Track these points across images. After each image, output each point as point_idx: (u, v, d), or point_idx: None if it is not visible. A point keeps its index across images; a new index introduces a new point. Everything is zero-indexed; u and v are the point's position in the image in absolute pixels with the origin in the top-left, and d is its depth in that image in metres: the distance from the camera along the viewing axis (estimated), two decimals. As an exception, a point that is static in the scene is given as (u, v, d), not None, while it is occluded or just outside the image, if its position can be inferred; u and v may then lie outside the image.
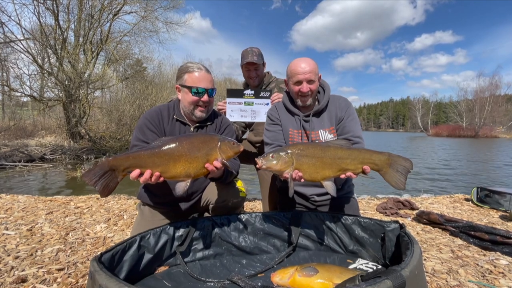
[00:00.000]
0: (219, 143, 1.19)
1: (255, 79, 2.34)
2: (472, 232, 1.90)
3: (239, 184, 1.68)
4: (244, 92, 2.17)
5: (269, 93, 2.16)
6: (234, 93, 2.19)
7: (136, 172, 1.08)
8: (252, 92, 2.17)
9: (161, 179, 1.12)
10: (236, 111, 2.16)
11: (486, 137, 38.22)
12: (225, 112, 2.18)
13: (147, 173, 1.08)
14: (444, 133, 45.39)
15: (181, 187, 1.17)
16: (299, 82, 1.61)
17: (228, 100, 2.19)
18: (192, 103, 1.50)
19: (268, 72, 2.50)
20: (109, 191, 1.08)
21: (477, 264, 1.57)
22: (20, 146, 9.28)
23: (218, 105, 2.27)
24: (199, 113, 1.52)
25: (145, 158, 1.09)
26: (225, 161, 1.19)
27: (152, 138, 1.45)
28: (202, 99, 1.49)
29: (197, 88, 1.47)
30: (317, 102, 1.77)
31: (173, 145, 1.12)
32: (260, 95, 2.16)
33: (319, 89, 1.77)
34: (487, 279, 1.41)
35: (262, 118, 2.16)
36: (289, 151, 1.25)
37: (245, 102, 2.17)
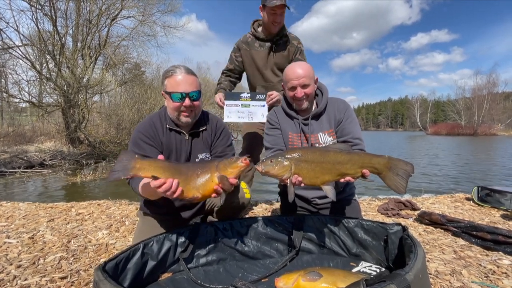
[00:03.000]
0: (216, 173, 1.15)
1: (277, 26, 2.27)
2: (474, 232, 1.90)
3: (243, 185, 1.68)
4: (241, 95, 2.26)
5: (264, 95, 2.24)
6: (231, 96, 2.28)
7: (160, 181, 1.05)
8: (249, 95, 2.25)
9: (178, 191, 1.09)
10: (233, 113, 2.24)
11: (485, 135, 38.29)
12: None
13: (174, 183, 1.06)
14: (443, 131, 45.45)
15: None
16: (293, 88, 1.62)
17: (226, 102, 2.25)
18: (174, 109, 1.42)
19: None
20: (116, 179, 1.10)
21: (480, 265, 1.57)
22: (20, 152, 9.25)
23: (217, 97, 2.33)
24: (184, 118, 1.45)
25: (170, 169, 1.10)
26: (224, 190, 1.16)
27: (150, 151, 1.42)
28: (184, 104, 1.40)
29: (176, 94, 1.38)
30: (315, 105, 1.78)
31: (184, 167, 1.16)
32: (256, 98, 2.25)
33: (317, 92, 1.78)
34: (490, 280, 1.41)
35: (258, 118, 2.24)
36: (287, 156, 1.25)
37: (242, 104, 2.25)
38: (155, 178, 1.07)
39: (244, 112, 2.24)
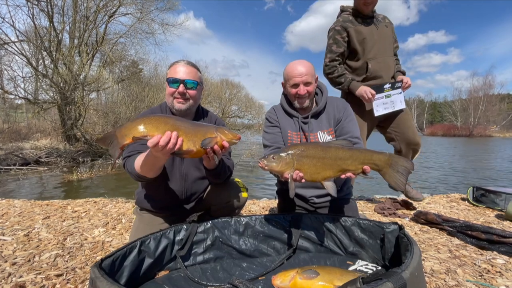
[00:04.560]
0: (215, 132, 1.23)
1: (370, 6, 2.39)
2: (469, 232, 1.91)
3: (240, 184, 1.68)
4: (384, 86, 2.40)
5: (400, 82, 2.41)
6: (378, 89, 2.40)
7: (156, 138, 1.06)
8: (389, 85, 2.40)
9: (179, 141, 1.10)
10: (380, 105, 2.39)
11: (481, 136, 38.68)
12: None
13: (173, 134, 1.08)
14: (439, 132, 45.80)
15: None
16: (296, 85, 1.62)
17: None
18: (170, 94, 1.48)
19: None
20: (118, 157, 1.15)
21: (475, 264, 1.59)
22: (15, 149, 9.17)
23: (366, 91, 2.37)
24: (177, 105, 1.48)
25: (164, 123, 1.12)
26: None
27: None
28: (178, 90, 1.45)
29: (172, 79, 1.46)
30: (315, 104, 1.78)
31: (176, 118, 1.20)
32: (395, 86, 2.40)
33: (316, 91, 1.78)
34: (484, 279, 1.43)
35: (399, 105, 2.40)
36: (290, 151, 1.25)
37: (385, 96, 2.40)
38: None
39: (388, 102, 2.40)
